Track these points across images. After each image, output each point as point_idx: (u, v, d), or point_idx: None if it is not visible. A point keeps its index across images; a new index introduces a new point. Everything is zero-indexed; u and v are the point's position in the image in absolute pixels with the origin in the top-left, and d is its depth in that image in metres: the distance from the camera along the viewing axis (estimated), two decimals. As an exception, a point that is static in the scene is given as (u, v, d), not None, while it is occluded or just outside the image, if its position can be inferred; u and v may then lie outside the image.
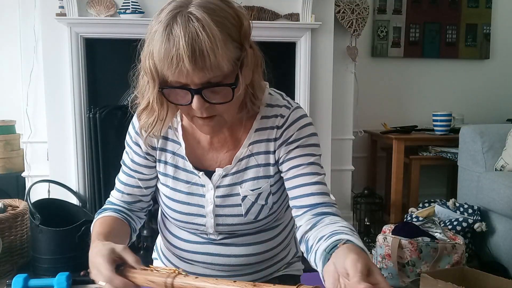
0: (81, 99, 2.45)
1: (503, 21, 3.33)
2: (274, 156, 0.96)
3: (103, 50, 2.48)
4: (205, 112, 0.82)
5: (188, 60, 0.74)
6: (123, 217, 0.99)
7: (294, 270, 1.13)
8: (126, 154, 1.02)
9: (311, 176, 0.92)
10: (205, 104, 0.80)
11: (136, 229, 1.04)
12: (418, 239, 2.04)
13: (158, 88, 0.81)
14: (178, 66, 0.75)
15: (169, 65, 0.76)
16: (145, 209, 1.07)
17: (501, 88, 3.37)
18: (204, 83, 0.78)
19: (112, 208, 1.01)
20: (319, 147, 0.96)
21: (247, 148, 0.96)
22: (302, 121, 0.95)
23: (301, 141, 0.94)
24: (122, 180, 1.02)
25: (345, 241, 0.73)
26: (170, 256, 1.09)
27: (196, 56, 0.74)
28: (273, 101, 0.97)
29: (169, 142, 0.98)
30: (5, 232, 2.06)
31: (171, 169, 0.98)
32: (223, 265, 1.00)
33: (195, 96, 0.79)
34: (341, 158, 2.84)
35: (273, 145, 0.95)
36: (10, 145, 2.71)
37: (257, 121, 0.96)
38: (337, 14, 2.71)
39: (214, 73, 0.77)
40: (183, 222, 0.98)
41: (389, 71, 3.24)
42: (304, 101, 2.58)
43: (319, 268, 0.77)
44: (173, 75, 0.77)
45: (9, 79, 2.84)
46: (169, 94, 0.82)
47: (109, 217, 0.98)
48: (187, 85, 0.79)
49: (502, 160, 2.31)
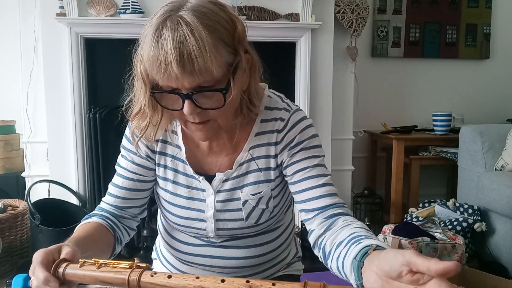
0: (81, 99, 2.45)
1: (503, 21, 3.33)
2: (276, 160, 0.95)
3: (103, 50, 2.48)
4: (197, 117, 0.81)
5: (176, 64, 0.73)
6: (108, 225, 0.94)
7: (294, 270, 1.13)
8: (123, 157, 0.99)
9: (318, 178, 0.91)
10: (196, 109, 0.79)
11: (122, 240, 0.97)
12: (418, 239, 2.04)
13: (149, 92, 0.80)
14: (167, 70, 0.74)
15: (158, 69, 0.75)
16: (137, 216, 1.02)
17: (501, 88, 3.37)
18: (194, 87, 0.77)
19: (99, 214, 0.96)
20: (321, 148, 0.96)
21: (248, 152, 0.95)
22: (302, 124, 0.94)
23: (304, 143, 0.93)
24: (117, 184, 0.98)
25: (375, 247, 0.69)
26: (170, 258, 1.09)
27: (184, 60, 0.73)
28: (272, 104, 0.96)
29: (168, 146, 0.97)
30: (5, 232, 2.06)
31: (171, 173, 0.97)
32: (223, 267, 1.00)
33: (186, 101, 0.78)
34: (341, 158, 2.84)
35: (274, 149, 0.94)
36: (10, 145, 2.71)
37: (256, 125, 0.95)
38: (337, 14, 2.71)
39: (204, 77, 0.76)
40: (183, 226, 0.98)
41: (389, 71, 3.24)
42: (304, 101, 2.57)
43: (349, 275, 0.74)
44: (162, 79, 0.76)
45: (9, 79, 2.84)
46: (160, 98, 0.81)
47: (93, 223, 0.92)
48: (177, 89, 0.78)
49: (502, 160, 2.31)
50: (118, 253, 0.97)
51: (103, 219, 0.94)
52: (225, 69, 0.79)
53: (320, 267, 2.64)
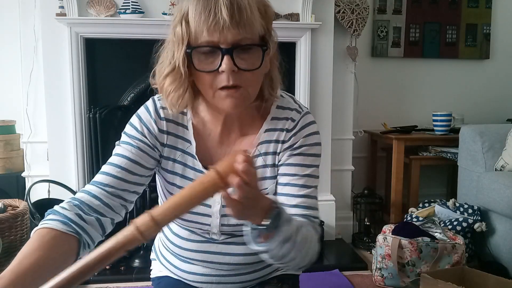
0: (81, 99, 2.45)
1: (503, 21, 3.33)
2: (278, 157, 0.97)
3: (103, 50, 2.48)
4: (232, 79, 0.82)
5: (226, 10, 0.77)
6: (71, 229, 0.80)
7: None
8: (125, 145, 0.93)
9: (301, 189, 0.93)
10: (233, 67, 0.81)
11: (89, 243, 0.84)
12: (418, 239, 2.04)
13: (185, 49, 0.82)
14: (216, 17, 0.78)
15: (206, 17, 0.78)
16: (122, 210, 0.92)
17: (501, 88, 3.37)
18: (235, 42, 0.80)
19: (62, 214, 0.82)
20: (319, 157, 0.97)
21: (256, 148, 0.96)
22: (310, 128, 0.96)
23: (303, 148, 0.95)
24: (110, 173, 0.90)
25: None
26: (169, 256, 1.09)
27: (234, 9, 0.78)
28: (284, 103, 0.98)
29: (179, 140, 0.97)
30: (5, 232, 2.06)
31: (180, 167, 0.97)
32: (223, 264, 1.00)
33: (225, 56, 0.80)
34: (341, 158, 2.84)
35: (280, 147, 0.96)
36: (10, 145, 2.71)
37: (267, 122, 0.97)
38: (337, 14, 2.71)
39: (247, 32, 0.80)
40: (188, 221, 0.98)
41: (389, 71, 3.24)
42: (304, 101, 2.57)
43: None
44: (208, 29, 0.79)
45: (9, 79, 2.84)
46: (197, 58, 0.83)
47: (42, 237, 0.77)
48: (218, 44, 0.80)
49: (502, 160, 2.31)
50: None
51: (66, 221, 0.81)
52: (260, 37, 0.85)
53: (320, 267, 2.65)
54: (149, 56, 0.94)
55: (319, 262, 2.35)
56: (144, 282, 2.10)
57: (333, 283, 2.12)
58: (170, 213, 0.66)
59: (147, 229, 0.65)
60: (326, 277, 2.17)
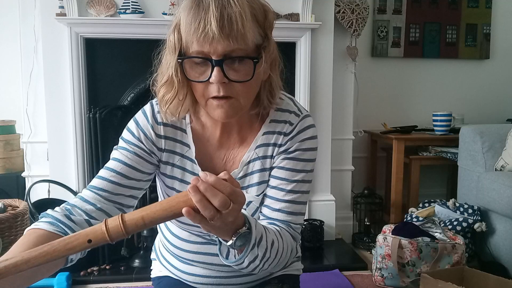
0: (81, 99, 2.45)
1: (503, 21, 3.33)
2: (273, 161, 0.96)
3: (103, 50, 2.48)
4: (222, 90, 0.81)
5: (216, 23, 0.76)
6: (59, 229, 0.80)
7: (294, 270, 1.13)
8: (122, 150, 0.94)
9: (287, 194, 0.93)
10: (223, 78, 0.80)
11: None
12: (418, 239, 2.04)
13: (177, 59, 0.82)
14: (205, 29, 0.76)
15: (196, 29, 0.77)
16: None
17: (501, 88, 3.37)
18: (226, 53, 0.79)
19: (51, 216, 0.83)
20: (313, 162, 0.97)
21: (254, 151, 0.96)
22: (306, 133, 0.95)
23: (297, 153, 0.95)
24: (105, 177, 0.90)
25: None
26: (169, 257, 1.09)
27: (224, 21, 0.76)
28: (283, 105, 0.97)
29: (177, 144, 0.97)
30: (5, 232, 2.05)
31: (179, 171, 0.97)
32: (223, 265, 1.00)
33: (215, 68, 0.79)
34: (341, 158, 2.84)
35: (276, 150, 0.96)
36: (10, 145, 2.71)
37: (266, 125, 0.96)
38: (337, 14, 2.71)
39: (239, 44, 0.78)
40: (186, 224, 0.98)
41: (389, 71, 3.24)
42: (304, 101, 2.57)
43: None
44: (198, 40, 0.78)
45: (9, 79, 2.84)
46: (188, 67, 0.82)
47: (31, 235, 0.77)
48: (209, 55, 0.79)
49: (502, 160, 2.31)
50: (117, 253, 0.95)
51: (52, 222, 0.81)
52: (255, 46, 0.82)
53: (320, 267, 2.65)
54: (149, 56, 0.93)
55: (319, 262, 2.35)
56: (144, 282, 2.10)
57: (333, 283, 2.12)
58: (140, 225, 0.66)
59: (115, 233, 0.65)
60: (326, 277, 2.17)
